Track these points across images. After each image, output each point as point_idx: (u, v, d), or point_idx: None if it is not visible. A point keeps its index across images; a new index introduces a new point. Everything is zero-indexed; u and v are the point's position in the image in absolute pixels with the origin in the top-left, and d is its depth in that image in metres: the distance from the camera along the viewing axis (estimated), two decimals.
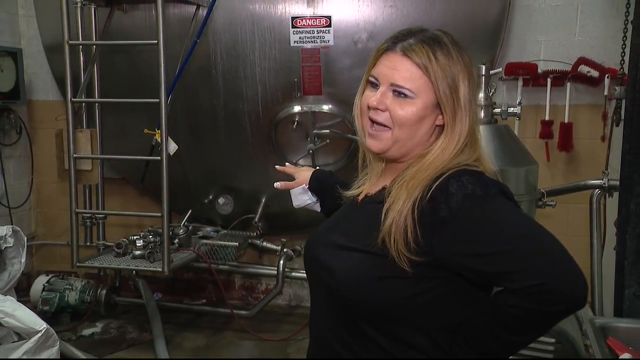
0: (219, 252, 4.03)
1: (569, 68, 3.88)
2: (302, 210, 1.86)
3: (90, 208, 4.31)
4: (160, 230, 3.50)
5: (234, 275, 4.69)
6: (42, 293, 4.16)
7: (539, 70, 3.92)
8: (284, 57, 3.89)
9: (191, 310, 4.46)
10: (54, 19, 3.68)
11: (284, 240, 4.23)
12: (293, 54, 3.87)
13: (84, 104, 4.05)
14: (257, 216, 4.18)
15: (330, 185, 1.69)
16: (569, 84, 3.87)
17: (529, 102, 3.94)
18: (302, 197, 1.79)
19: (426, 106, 1.29)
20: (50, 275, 4.28)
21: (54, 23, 3.84)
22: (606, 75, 3.78)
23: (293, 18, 3.83)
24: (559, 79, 3.89)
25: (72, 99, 3.49)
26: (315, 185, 1.77)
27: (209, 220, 4.40)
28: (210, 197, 4.35)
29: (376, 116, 1.32)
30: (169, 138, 3.45)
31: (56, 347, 2.84)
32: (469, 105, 1.30)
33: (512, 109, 2.72)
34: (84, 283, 4.28)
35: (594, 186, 3.20)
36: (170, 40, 3.46)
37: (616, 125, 3.59)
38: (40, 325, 2.76)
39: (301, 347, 3.87)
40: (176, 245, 3.80)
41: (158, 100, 3.30)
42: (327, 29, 3.81)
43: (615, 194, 2.91)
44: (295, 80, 3.87)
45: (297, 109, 3.95)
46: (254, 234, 4.23)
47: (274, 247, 4.29)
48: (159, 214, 3.43)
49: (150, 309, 4.03)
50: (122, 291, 4.44)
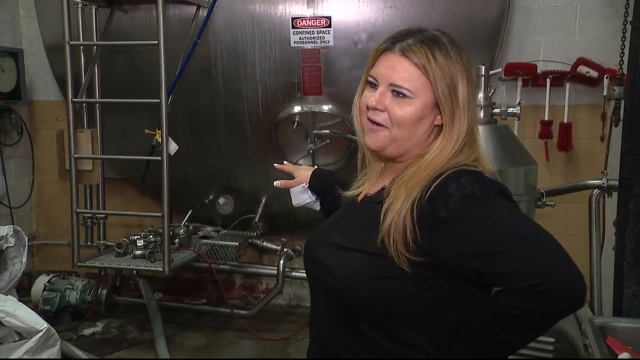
0: (220, 252, 4.03)
1: (568, 68, 3.88)
2: (302, 210, 1.86)
3: (91, 208, 4.32)
4: (161, 230, 3.51)
5: (234, 275, 4.70)
6: (43, 293, 4.16)
7: (539, 71, 3.92)
8: (284, 58, 3.89)
9: (191, 310, 4.46)
10: (55, 19, 3.68)
11: (284, 240, 4.23)
12: (293, 55, 3.87)
13: (84, 104, 4.07)
14: (258, 216, 4.19)
15: (330, 184, 1.69)
16: (568, 84, 3.88)
17: (529, 103, 3.95)
18: (302, 196, 1.78)
19: (425, 106, 1.29)
20: (51, 275, 4.28)
21: (54, 23, 3.85)
22: (605, 76, 3.78)
23: (293, 18, 3.84)
24: (558, 79, 3.89)
25: (73, 99, 3.49)
26: (315, 184, 1.76)
27: (209, 220, 4.40)
28: (211, 197, 4.35)
29: (375, 116, 1.32)
30: (170, 138, 3.45)
31: (57, 347, 2.83)
32: (467, 105, 1.30)
33: (512, 109, 2.72)
34: (84, 283, 4.28)
35: (593, 186, 3.19)
36: (170, 40, 3.46)
37: (615, 126, 3.59)
38: (41, 324, 2.75)
39: (301, 347, 3.88)
40: (177, 245, 3.80)
41: (159, 100, 3.30)
42: (327, 29, 3.82)
43: (615, 194, 2.91)
44: (295, 80, 3.88)
45: (297, 109, 3.96)
46: (254, 233, 4.24)
47: (274, 247, 4.29)
48: (160, 214, 3.43)
49: (150, 308, 4.04)
50: (123, 291, 4.44)
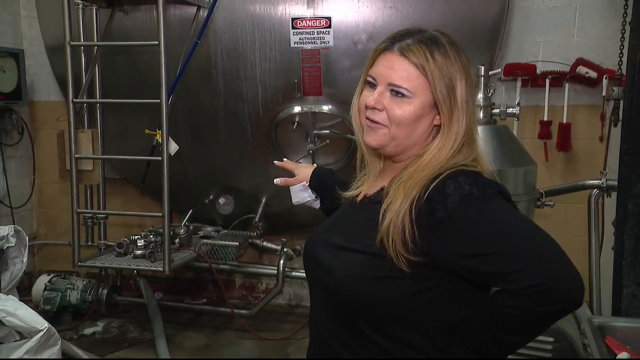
0: (220, 252, 4.03)
1: (567, 69, 3.89)
2: (302, 210, 1.86)
3: (91, 208, 4.33)
4: (161, 230, 3.51)
5: (234, 275, 4.70)
6: (44, 292, 4.16)
7: (538, 71, 3.93)
8: (284, 58, 3.90)
9: (192, 310, 4.46)
10: (56, 20, 3.69)
11: (284, 240, 4.23)
12: (293, 55, 3.88)
13: (85, 104, 4.08)
14: (258, 216, 4.19)
15: (330, 183, 1.69)
16: (567, 85, 3.88)
17: (528, 103, 3.95)
18: (302, 195, 1.78)
19: (423, 105, 1.29)
20: (51, 275, 4.28)
21: (55, 24, 3.86)
22: (604, 76, 3.79)
23: (293, 19, 3.84)
24: (558, 79, 3.90)
25: (74, 99, 3.50)
26: (315, 183, 1.76)
27: (209, 220, 4.40)
28: (211, 197, 4.35)
29: (373, 115, 1.32)
30: (170, 138, 3.46)
31: (58, 346, 2.82)
32: (466, 105, 1.30)
33: (511, 109, 2.73)
34: (85, 282, 4.28)
35: (592, 186, 3.20)
36: (171, 41, 3.47)
37: (614, 126, 3.60)
38: (42, 324, 2.75)
39: (301, 347, 3.88)
40: (177, 245, 3.80)
41: (159, 100, 3.31)
42: (327, 30, 3.82)
43: (614, 194, 2.92)
44: (296, 80, 3.88)
45: (297, 109, 3.96)
46: (254, 233, 4.24)
47: (274, 247, 4.29)
48: (160, 214, 3.44)
49: (151, 308, 4.05)
50: (123, 290, 4.44)
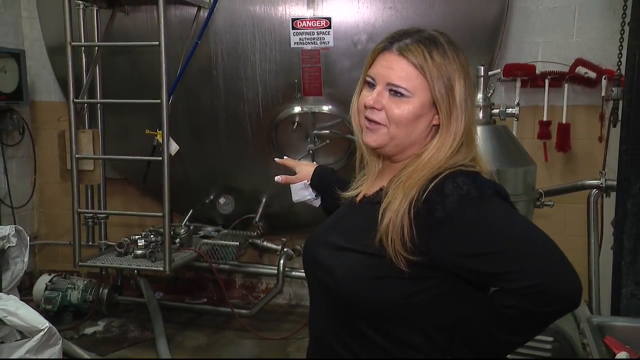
0: (220, 252, 4.04)
1: (566, 69, 3.90)
2: (302, 210, 1.87)
3: (92, 208, 4.34)
4: (162, 230, 3.52)
5: (234, 275, 4.71)
6: (45, 292, 4.17)
7: (537, 72, 3.93)
8: (284, 59, 3.91)
9: (192, 309, 4.47)
10: (57, 20, 3.71)
11: (284, 239, 4.24)
12: (293, 55, 3.88)
13: (86, 104, 4.09)
14: (258, 216, 4.20)
15: (331, 183, 1.69)
16: (566, 85, 3.89)
17: (527, 103, 3.95)
18: (303, 193, 1.78)
19: (422, 105, 1.30)
20: (52, 275, 4.29)
21: (56, 25, 3.87)
22: (603, 77, 3.80)
23: (293, 19, 3.85)
24: (557, 80, 3.91)
25: (75, 99, 3.50)
26: (316, 182, 1.76)
27: (210, 220, 4.41)
28: (211, 197, 4.36)
29: (372, 115, 1.32)
30: (170, 138, 3.47)
31: (58, 346, 2.83)
32: (464, 104, 1.30)
33: (511, 109, 2.73)
34: (86, 282, 4.29)
35: (592, 186, 3.20)
36: (171, 41, 3.47)
37: (613, 126, 3.60)
38: (43, 324, 2.75)
39: (301, 346, 3.89)
40: (177, 244, 3.81)
41: (160, 101, 3.32)
42: (327, 30, 3.83)
43: (613, 194, 2.91)
44: (296, 81, 3.89)
45: (297, 109, 3.97)
46: (255, 233, 4.25)
47: (274, 247, 4.30)
48: (161, 214, 3.45)
49: (151, 308, 4.06)
50: (124, 290, 4.45)
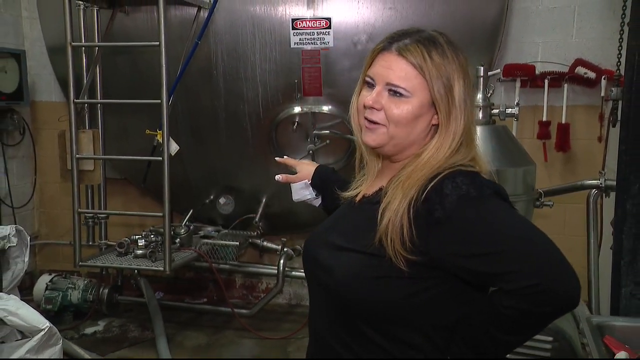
0: (220, 252, 4.04)
1: (566, 69, 3.90)
2: (302, 210, 1.87)
3: (92, 208, 4.34)
4: (162, 230, 3.52)
5: (234, 275, 4.71)
6: (45, 292, 4.18)
7: (537, 72, 3.94)
8: (284, 59, 3.91)
9: (192, 309, 4.48)
10: (57, 21, 3.71)
11: (284, 239, 4.25)
12: (293, 56, 3.89)
13: (86, 105, 4.09)
14: (258, 216, 4.20)
15: (332, 183, 1.69)
16: (566, 85, 3.90)
17: (527, 103, 3.96)
18: (303, 192, 1.79)
19: (422, 105, 1.30)
20: (53, 275, 4.30)
21: (56, 25, 3.87)
22: (603, 77, 3.80)
23: (293, 20, 3.85)
24: (557, 80, 3.91)
25: (75, 100, 3.51)
26: (317, 182, 1.76)
27: (210, 220, 4.41)
28: (211, 197, 4.36)
29: (372, 115, 1.32)
30: (171, 139, 3.47)
31: (59, 346, 2.83)
32: (463, 104, 1.30)
33: (510, 109, 2.73)
34: (86, 282, 4.29)
35: (591, 186, 3.21)
36: (171, 41, 3.47)
37: (613, 126, 3.60)
38: (43, 323, 2.76)
39: (301, 346, 3.89)
40: (177, 244, 3.82)
41: (160, 101, 3.32)
42: (327, 30, 3.83)
43: (612, 194, 2.91)
44: (296, 81, 3.89)
45: (297, 109, 3.97)
46: (255, 233, 4.25)
47: (274, 247, 4.30)
48: (161, 214, 3.45)
49: (151, 307, 4.06)
50: (124, 290, 4.46)
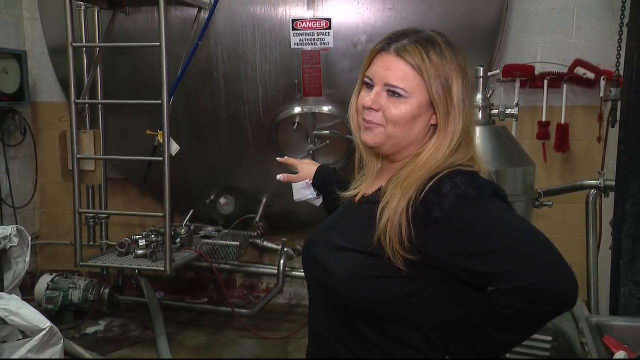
0: (220, 252, 4.05)
1: (565, 70, 3.91)
2: (303, 210, 1.87)
3: (93, 208, 4.35)
4: (162, 230, 3.53)
5: (235, 274, 4.72)
6: (46, 292, 4.19)
7: (536, 72, 3.95)
8: (284, 59, 3.92)
9: (193, 309, 4.49)
10: (58, 21, 3.72)
11: (284, 239, 4.25)
12: (293, 56, 3.89)
13: (87, 105, 4.09)
14: (258, 216, 4.21)
15: (333, 183, 1.70)
16: (565, 86, 3.90)
17: (526, 104, 3.96)
18: (304, 192, 1.79)
19: (420, 105, 1.30)
20: (54, 274, 4.31)
21: (57, 26, 3.88)
22: (602, 77, 3.81)
23: (293, 20, 3.86)
24: (556, 80, 3.92)
25: (76, 100, 3.52)
26: (319, 182, 1.77)
27: (210, 220, 4.42)
28: (212, 197, 4.37)
29: (370, 116, 1.33)
30: (171, 139, 3.48)
31: (60, 345, 2.84)
32: (462, 104, 1.31)
33: (510, 110, 2.74)
34: (87, 282, 4.30)
35: (590, 186, 3.21)
36: (172, 42, 3.48)
37: (612, 127, 3.61)
38: (44, 323, 2.77)
39: (301, 345, 3.90)
40: (178, 244, 3.82)
41: (160, 101, 3.33)
42: (327, 31, 3.84)
43: (611, 194, 2.92)
44: (296, 81, 3.90)
45: (298, 110, 3.98)
46: (255, 233, 4.25)
47: (274, 247, 4.31)
48: (161, 214, 3.46)
49: (152, 307, 4.07)
50: (125, 290, 4.47)
